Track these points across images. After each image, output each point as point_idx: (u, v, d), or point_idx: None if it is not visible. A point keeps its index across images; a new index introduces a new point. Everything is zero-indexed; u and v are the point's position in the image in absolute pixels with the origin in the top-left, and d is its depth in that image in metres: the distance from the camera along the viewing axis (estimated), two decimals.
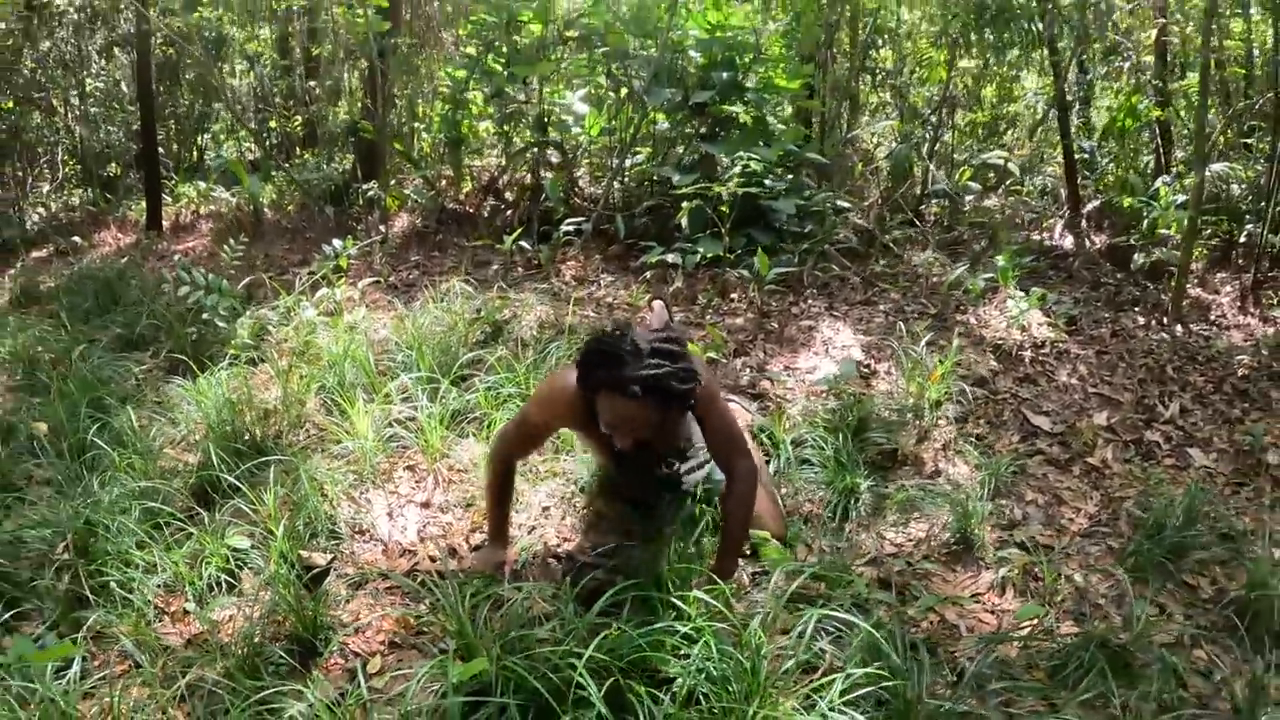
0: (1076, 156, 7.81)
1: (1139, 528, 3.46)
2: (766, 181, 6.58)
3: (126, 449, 3.73)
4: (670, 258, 6.11)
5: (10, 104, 10.93)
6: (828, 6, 8.27)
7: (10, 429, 4.36)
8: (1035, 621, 2.82)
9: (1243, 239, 6.75)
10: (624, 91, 7.36)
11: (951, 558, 3.28)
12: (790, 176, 7.10)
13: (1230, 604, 3.05)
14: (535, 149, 7.80)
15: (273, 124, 11.44)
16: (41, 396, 4.76)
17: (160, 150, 10.18)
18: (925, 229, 7.40)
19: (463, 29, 8.92)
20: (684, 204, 6.39)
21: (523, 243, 6.42)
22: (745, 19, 7.64)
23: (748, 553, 3.06)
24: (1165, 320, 5.73)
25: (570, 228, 6.63)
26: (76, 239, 8.85)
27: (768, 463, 3.73)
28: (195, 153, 13.85)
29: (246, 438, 3.80)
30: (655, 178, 7.52)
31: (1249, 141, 7.53)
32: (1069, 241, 7.37)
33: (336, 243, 6.10)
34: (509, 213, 7.70)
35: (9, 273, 8.08)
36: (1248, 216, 6.70)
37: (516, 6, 7.42)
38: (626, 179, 7.86)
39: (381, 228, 7.44)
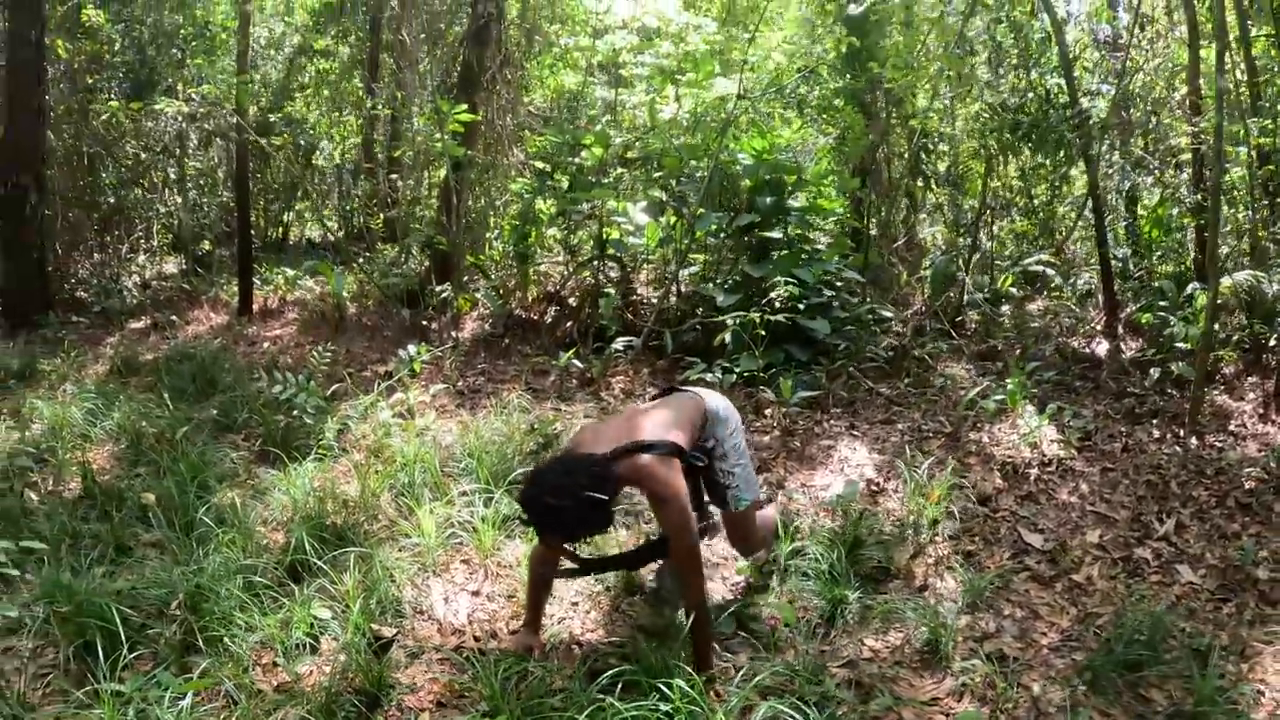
0: (1113, 264, 8.12)
1: (1106, 642, 3.73)
2: (803, 304, 7.21)
3: (227, 526, 4.59)
4: (709, 375, 6.74)
5: (114, 181, 12.14)
6: (877, 118, 9.02)
7: (120, 496, 5.25)
8: None
9: (1273, 342, 6.80)
10: (673, 215, 8.17)
11: (921, 664, 3.78)
12: (830, 293, 7.68)
13: (1178, 718, 3.32)
14: (596, 261, 8.62)
15: (355, 217, 12.49)
16: (146, 468, 5.67)
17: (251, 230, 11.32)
18: (962, 341, 7.82)
19: (532, 146, 9.93)
20: (728, 322, 7.05)
21: (575, 361, 7.18)
22: (795, 133, 8.42)
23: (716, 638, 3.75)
24: (1182, 433, 5.87)
25: (621, 345, 7.40)
26: (173, 318, 9.94)
27: (771, 572, 4.40)
28: (281, 229, 15.05)
29: (329, 524, 4.62)
30: (703, 295, 8.22)
31: None
32: (1103, 348, 7.66)
33: (411, 348, 6.96)
34: (569, 323, 8.53)
35: (109, 341, 9.13)
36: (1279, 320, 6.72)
37: (579, 132, 8.33)
38: (682, 288, 8.61)
39: (453, 333, 8.31)
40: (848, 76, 9.17)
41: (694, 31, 8.30)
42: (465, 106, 8.17)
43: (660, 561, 4.05)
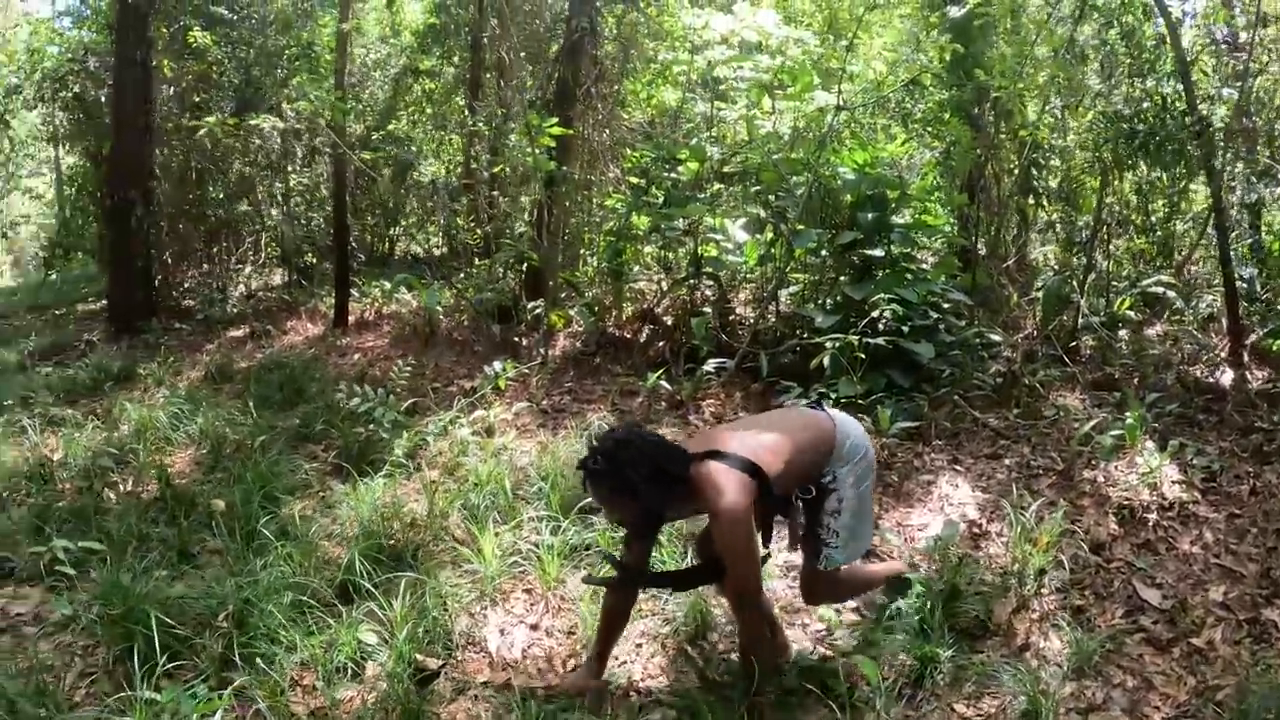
0: (1238, 284, 7.47)
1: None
2: (906, 326, 6.81)
3: (287, 540, 4.52)
4: (804, 401, 6.37)
5: (221, 195, 12.58)
6: (985, 130, 8.63)
7: (192, 501, 5.26)
8: None
9: None
10: (772, 231, 7.95)
11: None
12: (935, 315, 7.26)
13: None
14: (692, 279, 8.43)
15: (459, 229, 12.62)
16: (222, 474, 5.68)
17: (353, 244, 11.51)
18: (1076, 368, 7.29)
19: (627, 161, 9.83)
20: (826, 344, 6.63)
21: (664, 382, 6.97)
22: (900, 146, 8.13)
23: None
24: None
25: (713, 366, 7.14)
26: (270, 327, 10.12)
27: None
28: (388, 244, 15.35)
29: (388, 544, 4.51)
30: (801, 315, 7.87)
31: None
32: (1228, 378, 7.00)
33: (497, 365, 6.88)
34: (662, 343, 8.35)
35: (207, 348, 9.30)
36: None
37: (675, 146, 8.19)
38: (780, 308, 8.36)
39: (543, 350, 8.22)
40: (953, 87, 8.82)
41: (794, 45, 8.09)
42: (555, 120, 8.13)
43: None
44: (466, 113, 12.88)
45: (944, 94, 9.24)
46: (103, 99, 13.06)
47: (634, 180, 8.92)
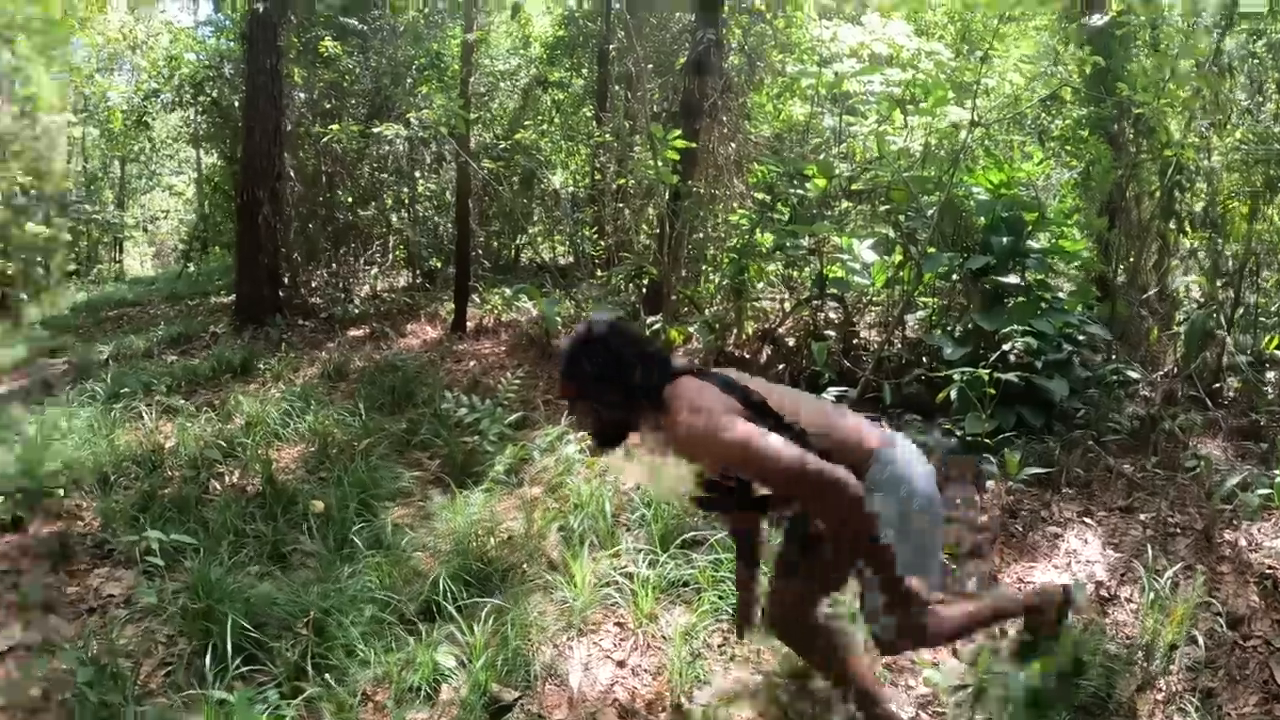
0: None
1: None
2: (1039, 361, 6.44)
3: (379, 549, 4.46)
4: (928, 436, 6.05)
5: (350, 199, 12.91)
6: (1126, 149, 8.17)
7: (292, 500, 5.27)
8: None
9: None
10: (901, 253, 7.65)
11: None
12: (1070, 348, 6.85)
13: None
14: (816, 300, 8.19)
15: (584, 239, 12.69)
16: (325, 475, 5.69)
17: (478, 251, 11.61)
18: (1219, 412, 6.78)
19: (753, 176, 9.63)
20: (954, 376, 6.27)
21: None
22: (1036, 166, 7.72)
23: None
24: None
25: (834, 394, 6.87)
26: (389, 329, 10.24)
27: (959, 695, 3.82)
28: (513, 251, 15.52)
29: (478, 563, 4.41)
30: (928, 344, 7.57)
31: None
32: None
33: None
34: (783, 365, 8.11)
35: (328, 346, 9.43)
36: None
37: (802, 162, 7.96)
38: (906, 334, 8.05)
39: None
40: (1092, 102, 8.35)
41: (925, 57, 7.80)
42: (679, 133, 7.99)
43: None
44: (594, 124, 12.93)
45: (1082, 110, 8.80)
46: (237, 104, 13.61)
47: (759, 196, 8.75)
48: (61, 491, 5.71)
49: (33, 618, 4.41)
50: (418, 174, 13.97)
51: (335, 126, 9.99)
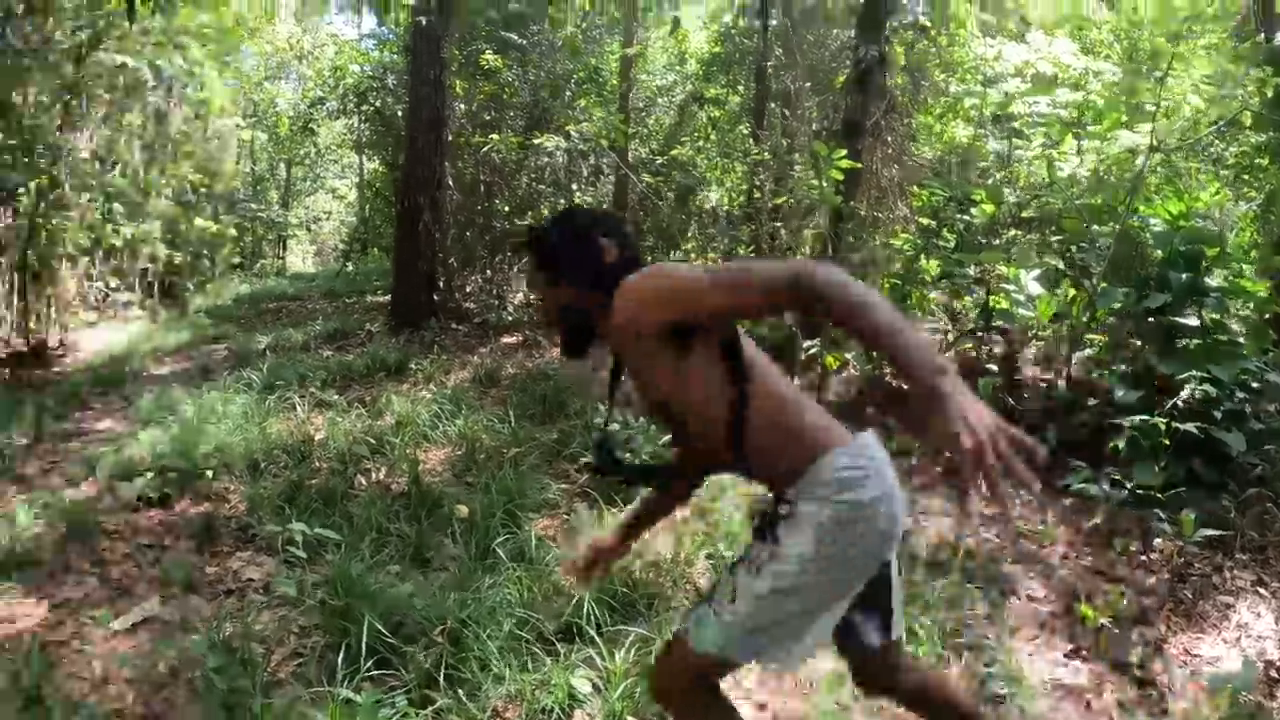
0: None
1: None
2: (1218, 411, 5.95)
3: (522, 562, 4.34)
4: (1094, 488, 5.69)
5: (507, 209, 13.15)
6: None
7: (437, 502, 5.21)
8: None
9: None
10: (1071, 286, 7.24)
11: None
12: (1244, 395, 6.26)
13: None
14: (979, 333, 7.84)
15: (740, 258, 12.50)
16: (472, 480, 5.63)
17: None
18: None
19: (916, 200, 9.30)
20: (1124, 423, 5.92)
21: None
22: (1213, 196, 7.16)
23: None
24: None
25: None
26: (542, 337, 10.25)
27: None
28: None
29: (629, 584, 4.24)
30: (1097, 385, 7.17)
31: None
32: None
33: None
34: None
35: (480, 351, 9.47)
36: None
37: (969, 186, 7.58)
38: (1072, 373, 7.58)
39: (818, 395, 7.81)
40: (1273, 128, 7.71)
41: (1094, 78, 7.35)
42: (844, 152, 7.76)
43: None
44: (750, 141, 12.78)
45: (1261, 136, 8.17)
46: (400, 113, 14.01)
47: (924, 221, 8.41)
48: (211, 474, 5.84)
49: (172, 594, 4.48)
50: (575, 186, 14.03)
51: (495, 137, 10.06)
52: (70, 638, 4.06)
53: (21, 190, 10.00)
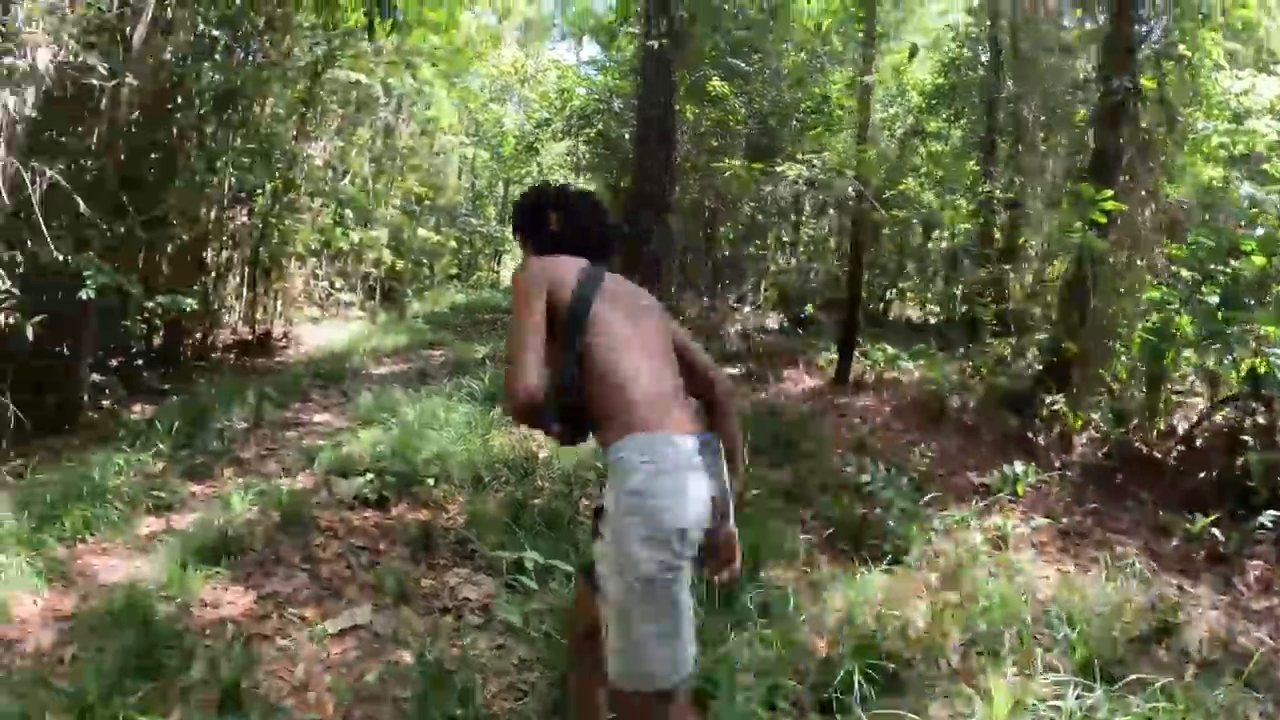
0: None
1: None
2: None
3: (772, 616, 3.91)
4: None
5: (731, 235, 13.20)
6: None
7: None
8: None
9: None
10: None
11: None
12: None
13: None
14: (1245, 401, 7.08)
15: (954, 303, 11.95)
16: None
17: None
18: None
19: (1177, 250, 8.45)
20: None
21: (1215, 530, 5.72)
22: None
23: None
24: None
25: (1270, 520, 5.71)
26: (770, 371, 9.92)
27: None
28: (881, 305, 15.06)
29: (884, 656, 3.77)
30: None
31: None
32: None
33: (1018, 466, 5.98)
34: (1203, 473, 6.90)
35: None
36: None
37: (1235, 235, 6.83)
38: None
39: (1061, 458, 7.15)
40: None
41: None
42: (1110, 193, 7.26)
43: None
44: (981, 177, 12.14)
45: None
46: (627, 136, 14.04)
47: (1184, 272, 7.60)
48: (432, 481, 5.67)
49: (384, 603, 4.29)
50: (804, 216, 13.74)
51: (736, 163, 9.84)
52: (274, 633, 3.93)
53: (259, 191, 10.32)
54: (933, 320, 14.61)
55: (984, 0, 13.12)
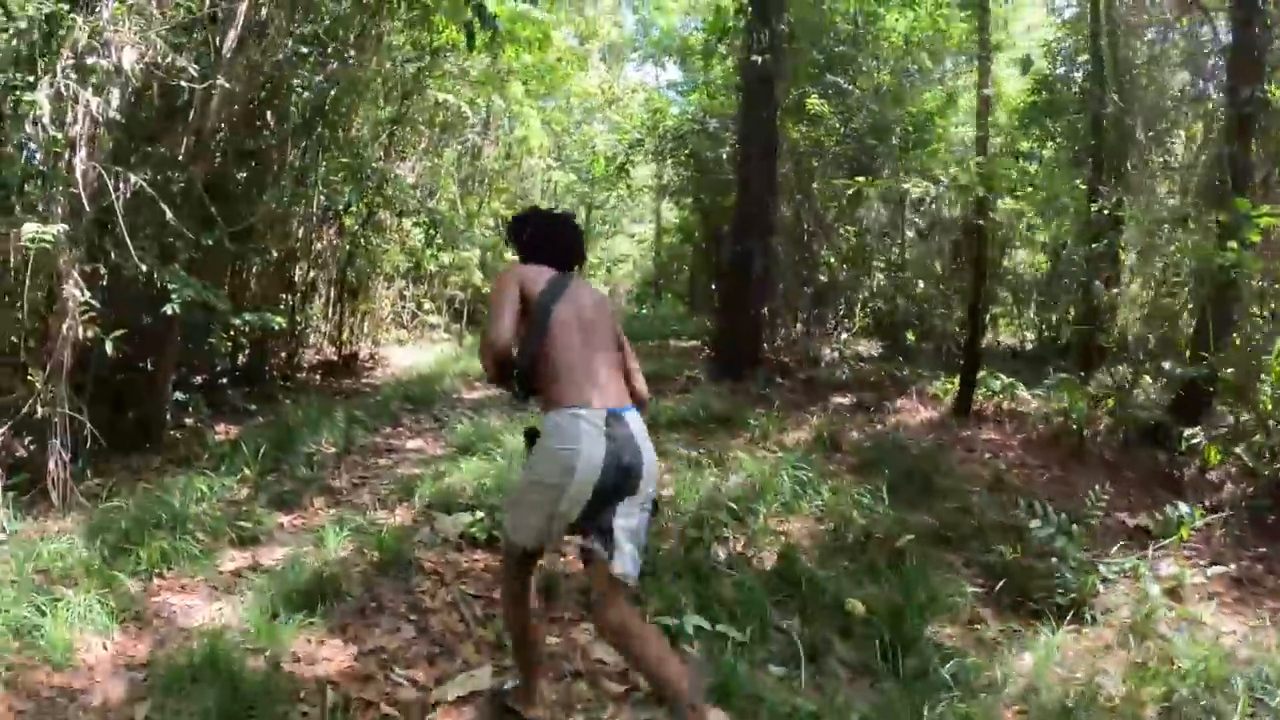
0: None
1: None
2: None
3: (955, 690, 3.42)
4: None
5: (832, 258, 12.75)
6: None
7: (820, 589, 4.32)
8: None
9: None
10: None
11: None
12: None
13: None
14: None
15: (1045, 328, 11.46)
16: (852, 565, 4.73)
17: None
18: None
19: None
20: None
21: None
22: None
23: None
24: None
25: None
26: (885, 401, 9.45)
27: None
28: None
29: None
30: None
31: None
32: None
33: (1184, 507, 5.42)
34: None
35: (811, 409, 8.67)
36: None
37: None
38: None
39: (1212, 497, 6.56)
40: None
41: None
42: (1267, 209, 6.63)
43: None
44: (1086, 194, 11.59)
45: None
46: (723, 156, 13.75)
47: None
48: None
49: (504, 664, 3.71)
50: (900, 239, 13.42)
51: (861, 179, 9.42)
52: (379, 698, 3.41)
53: (350, 209, 10.12)
54: (1028, 346, 13.86)
55: (1085, 10, 12.56)
